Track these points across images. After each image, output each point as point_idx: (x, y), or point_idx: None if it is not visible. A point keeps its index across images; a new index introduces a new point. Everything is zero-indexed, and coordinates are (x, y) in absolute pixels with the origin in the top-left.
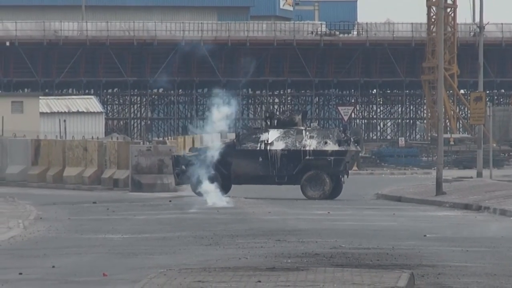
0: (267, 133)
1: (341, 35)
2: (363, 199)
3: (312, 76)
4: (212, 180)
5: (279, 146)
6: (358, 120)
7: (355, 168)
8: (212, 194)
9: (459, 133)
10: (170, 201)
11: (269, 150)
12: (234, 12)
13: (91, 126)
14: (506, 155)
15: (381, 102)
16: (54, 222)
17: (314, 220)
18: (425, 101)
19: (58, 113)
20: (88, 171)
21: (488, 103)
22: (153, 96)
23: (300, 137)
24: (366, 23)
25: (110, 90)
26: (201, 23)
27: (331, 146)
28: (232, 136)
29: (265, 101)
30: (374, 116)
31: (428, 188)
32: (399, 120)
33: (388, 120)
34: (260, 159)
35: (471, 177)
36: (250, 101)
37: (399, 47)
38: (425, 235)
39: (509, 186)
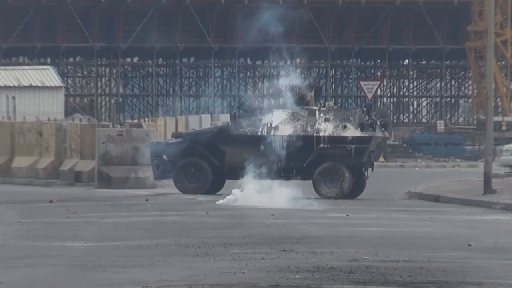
0: (270, 114)
1: None
2: (391, 198)
3: (328, 43)
4: (200, 173)
5: (285, 130)
6: (385, 99)
7: (381, 159)
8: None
9: None
10: (147, 200)
11: (273, 135)
12: None
13: (48, 105)
14: None
15: (414, 76)
16: (0, 226)
17: (329, 225)
18: (470, 74)
19: (5, 88)
20: (43, 161)
21: None
22: (126, 67)
23: (312, 119)
24: None
25: (71, 59)
26: None
27: (352, 131)
28: (225, 117)
29: (268, 73)
30: (406, 94)
31: (473, 185)
32: (437, 99)
33: (423, 99)
34: (262, 147)
35: None
36: (249, 73)
37: (437, 6)
38: (469, 245)
39: None
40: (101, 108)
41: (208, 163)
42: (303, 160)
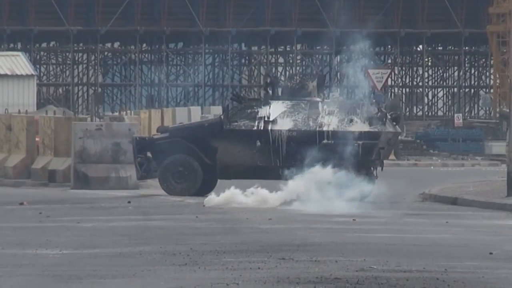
0: (268, 107)
1: None
2: (403, 200)
3: (332, 26)
4: (189, 173)
5: (285, 125)
6: (396, 89)
7: (392, 157)
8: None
9: None
10: (129, 202)
11: (271, 130)
12: None
13: (18, 95)
14: None
15: (429, 64)
16: None
17: (334, 231)
18: (491, 62)
19: None
20: (12, 159)
21: None
22: (106, 54)
23: (315, 112)
24: None
25: (44, 44)
26: None
27: (359, 126)
28: (217, 110)
29: (265, 61)
30: (420, 84)
31: (495, 186)
32: (455, 89)
33: (439, 89)
34: (258, 143)
35: None
36: (243, 60)
37: None
38: (491, 253)
39: None
40: (77, 99)
41: (198, 161)
42: (305, 158)
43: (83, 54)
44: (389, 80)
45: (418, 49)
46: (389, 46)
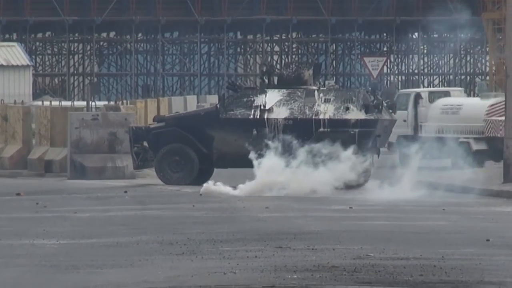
0: (264, 95)
1: None
2: (399, 188)
3: (328, 15)
4: (185, 162)
5: (281, 113)
6: (392, 77)
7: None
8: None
9: None
10: (126, 191)
11: (267, 119)
12: None
13: (13, 86)
14: None
15: (425, 51)
16: None
17: (331, 219)
18: (487, 49)
19: None
20: (9, 149)
21: None
22: (101, 43)
23: (311, 100)
24: None
25: (40, 35)
26: None
27: (355, 114)
28: (213, 99)
29: (260, 49)
30: (416, 71)
31: (492, 173)
32: (451, 76)
33: (435, 76)
34: (254, 132)
35: None
36: (239, 49)
37: None
38: (488, 240)
39: None
40: (73, 89)
41: (194, 150)
42: (301, 146)
43: (78, 44)
44: (385, 67)
45: (414, 36)
46: (385, 34)
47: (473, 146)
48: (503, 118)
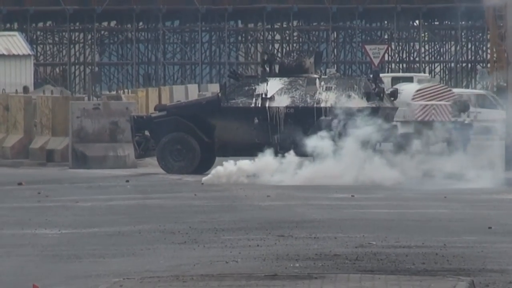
0: (265, 84)
1: None
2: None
3: (328, 3)
4: (187, 151)
5: (282, 101)
6: (393, 65)
7: None
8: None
9: None
10: (127, 181)
11: (269, 107)
12: None
13: (15, 75)
14: None
15: (426, 39)
16: None
17: (332, 207)
18: (488, 36)
19: None
20: (10, 139)
21: None
22: (102, 33)
23: (312, 88)
24: None
25: (41, 24)
26: None
27: (357, 102)
28: (215, 88)
29: (261, 38)
30: (417, 59)
31: (494, 159)
32: (452, 64)
33: (436, 64)
34: (256, 120)
35: None
36: (240, 38)
37: None
38: (490, 227)
39: None
40: (74, 78)
41: (196, 139)
42: (303, 135)
43: (79, 33)
44: (386, 55)
45: (415, 24)
46: (386, 22)
47: (399, 129)
48: (428, 102)
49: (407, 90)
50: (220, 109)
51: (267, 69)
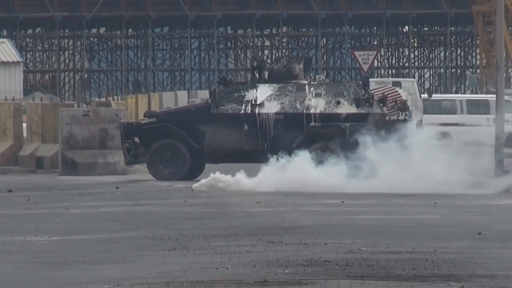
0: (255, 90)
1: None
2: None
3: (317, 9)
4: (177, 157)
5: (272, 108)
6: (383, 71)
7: None
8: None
9: None
10: (117, 187)
11: (258, 114)
12: None
13: (4, 82)
14: None
15: (415, 45)
16: None
17: (323, 213)
18: (477, 42)
19: None
20: (0, 146)
21: None
22: (92, 39)
23: (302, 95)
24: None
25: (30, 31)
26: None
27: (346, 108)
28: (204, 94)
29: (251, 44)
30: (406, 65)
31: (483, 165)
32: (441, 70)
33: (425, 70)
34: (246, 127)
35: None
36: (229, 44)
37: None
38: (480, 233)
39: None
40: (64, 85)
41: (186, 145)
42: (292, 141)
43: (69, 40)
44: (376, 61)
45: (404, 30)
46: (375, 28)
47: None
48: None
49: None
50: (209, 116)
51: (257, 75)
